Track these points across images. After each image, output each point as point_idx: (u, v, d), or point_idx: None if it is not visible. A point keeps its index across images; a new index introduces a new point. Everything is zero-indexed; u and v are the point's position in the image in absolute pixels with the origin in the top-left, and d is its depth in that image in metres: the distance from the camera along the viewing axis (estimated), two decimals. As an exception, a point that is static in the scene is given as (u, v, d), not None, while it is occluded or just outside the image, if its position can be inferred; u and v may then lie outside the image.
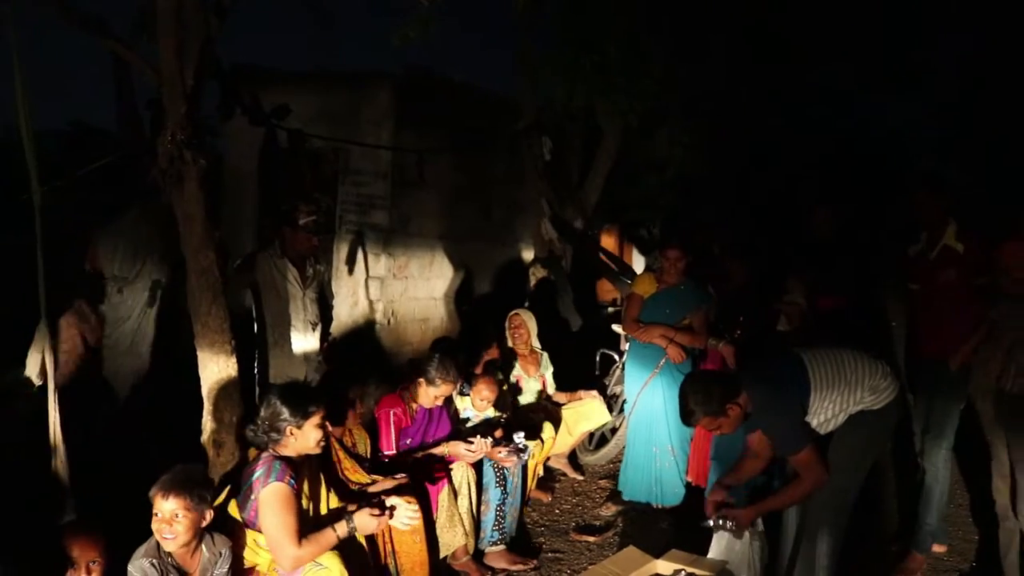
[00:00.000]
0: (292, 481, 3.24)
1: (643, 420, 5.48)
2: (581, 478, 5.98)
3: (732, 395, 3.61)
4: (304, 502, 3.41)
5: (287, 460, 3.31)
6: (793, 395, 3.64)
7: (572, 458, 6.17)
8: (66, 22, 3.95)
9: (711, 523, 3.78)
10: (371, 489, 3.92)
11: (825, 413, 3.68)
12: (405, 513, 3.58)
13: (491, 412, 5.13)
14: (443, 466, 4.37)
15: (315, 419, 3.38)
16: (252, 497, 3.24)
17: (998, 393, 4.17)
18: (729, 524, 3.70)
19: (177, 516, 2.93)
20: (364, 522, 3.42)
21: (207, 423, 4.05)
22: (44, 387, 3.67)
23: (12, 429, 5.16)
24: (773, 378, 3.73)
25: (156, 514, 2.95)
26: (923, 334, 4.69)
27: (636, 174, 9.18)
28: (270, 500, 3.17)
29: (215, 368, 3.98)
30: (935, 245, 4.64)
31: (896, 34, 9.67)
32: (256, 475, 3.25)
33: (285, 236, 5.07)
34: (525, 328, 6.02)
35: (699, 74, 8.12)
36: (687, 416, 3.64)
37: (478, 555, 4.55)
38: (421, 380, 4.53)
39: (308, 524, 3.31)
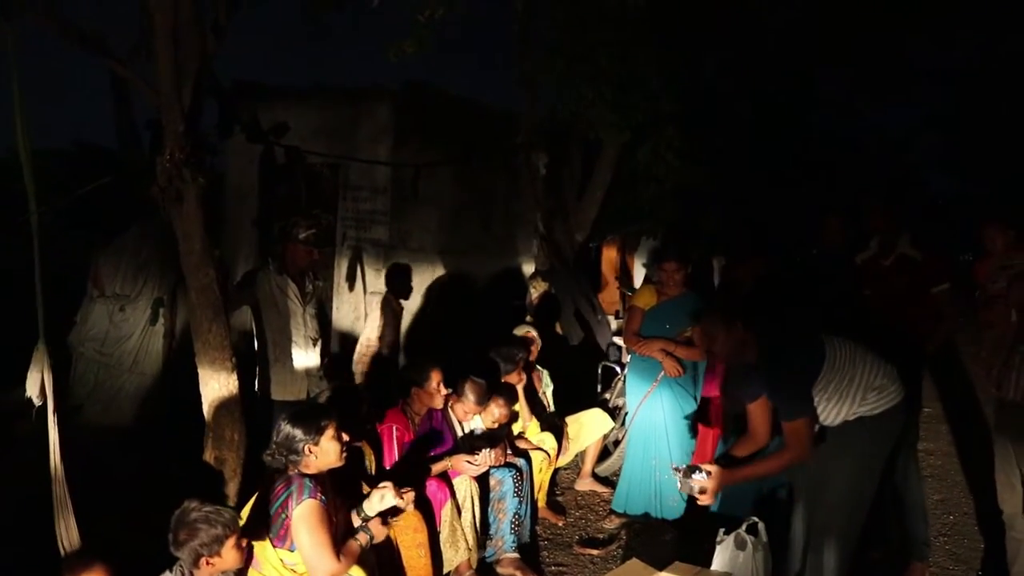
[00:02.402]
0: (323, 498, 3.25)
1: (641, 433, 5.46)
2: (610, 490, 5.87)
3: (735, 319, 3.70)
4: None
5: (314, 478, 3.32)
6: (805, 361, 3.67)
7: (594, 475, 6.12)
8: (65, 40, 3.97)
9: (678, 482, 3.80)
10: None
11: (828, 402, 3.68)
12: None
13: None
14: (446, 481, 4.37)
15: (329, 432, 3.38)
16: (284, 516, 3.23)
17: (998, 402, 4.18)
18: (702, 474, 3.70)
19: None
20: (378, 531, 3.50)
21: (208, 440, 4.05)
22: (44, 407, 3.67)
23: (14, 450, 5.19)
24: (790, 337, 3.78)
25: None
26: None
27: (635, 185, 9.19)
28: (306, 518, 3.18)
29: (216, 385, 3.98)
30: (890, 253, 4.82)
31: (894, 44, 9.72)
32: (285, 495, 3.25)
33: (285, 252, 5.08)
34: (538, 346, 6.01)
35: (694, 84, 8.15)
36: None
37: (484, 568, 4.54)
38: (415, 388, 4.57)
39: (338, 539, 3.33)
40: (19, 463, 4.64)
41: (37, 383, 3.62)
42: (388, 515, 3.70)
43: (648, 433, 5.42)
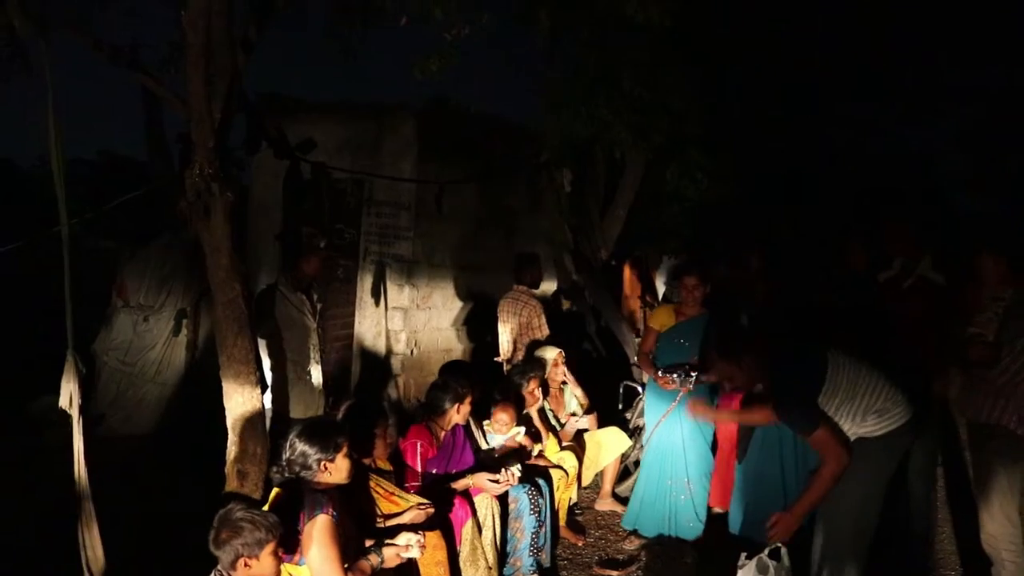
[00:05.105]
0: (335, 514, 3.26)
1: (658, 453, 5.41)
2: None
3: (751, 350, 3.80)
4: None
5: (325, 493, 3.32)
6: (805, 377, 3.72)
7: (614, 495, 6.06)
8: (98, 55, 4.02)
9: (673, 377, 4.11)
10: (398, 520, 3.90)
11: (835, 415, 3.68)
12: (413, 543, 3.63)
13: (513, 432, 5.10)
14: (467, 499, 4.35)
15: (345, 449, 3.41)
16: (295, 530, 3.22)
17: (992, 430, 4.11)
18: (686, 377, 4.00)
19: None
20: (389, 556, 3.50)
21: (231, 453, 4.06)
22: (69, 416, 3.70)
23: (41, 457, 5.23)
24: (789, 356, 3.84)
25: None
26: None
27: (658, 204, 9.17)
28: (317, 533, 3.18)
29: (240, 399, 4.00)
30: (909, 274, 4.70)
31: (920, 64, 9.68)
32: (296, 510, 3.24)
33: (299, 264, 5.11)
34: (559, 365, 5.99)
35: (717, 106, 8.12)
36: (707, 363, 3.83)
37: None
38: (456, 404, 4.58)
39: (349, 556, 3.33)
40: (46, 471, 4.68)
41: (68, 393, 3.66)
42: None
43: (666, 453, 5.38)
